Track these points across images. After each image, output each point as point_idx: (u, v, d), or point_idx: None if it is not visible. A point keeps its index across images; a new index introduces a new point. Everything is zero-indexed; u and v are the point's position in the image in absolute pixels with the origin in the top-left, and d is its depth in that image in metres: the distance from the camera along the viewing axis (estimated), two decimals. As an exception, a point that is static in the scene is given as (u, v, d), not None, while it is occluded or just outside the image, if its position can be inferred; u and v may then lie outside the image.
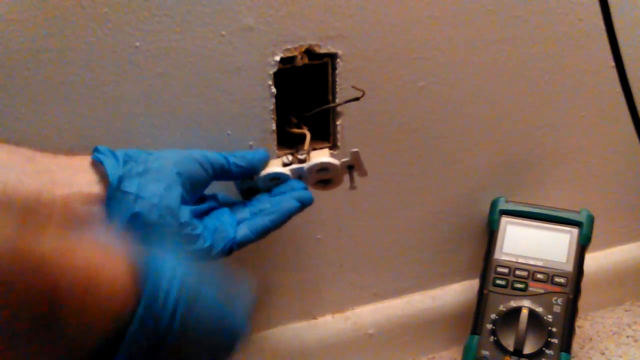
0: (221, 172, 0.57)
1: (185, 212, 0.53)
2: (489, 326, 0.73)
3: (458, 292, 0.81)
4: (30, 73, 0.56)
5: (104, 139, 0.59)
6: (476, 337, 0.73)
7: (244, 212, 0.58)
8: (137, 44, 0.58)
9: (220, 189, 0.61)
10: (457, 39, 0.70)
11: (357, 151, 0.61)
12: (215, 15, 0.60)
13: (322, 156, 0.61)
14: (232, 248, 0.56)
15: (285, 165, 0.60)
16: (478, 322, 0.73)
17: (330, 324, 0.76)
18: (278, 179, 0.60)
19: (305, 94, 0.68)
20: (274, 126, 0.65)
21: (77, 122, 0.59)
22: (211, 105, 0.63)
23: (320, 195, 0.70)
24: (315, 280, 0.74)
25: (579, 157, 0.83)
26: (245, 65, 0.62)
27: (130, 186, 0.51)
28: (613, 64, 0.67)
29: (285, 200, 0.58)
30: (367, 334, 0.77)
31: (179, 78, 0.61)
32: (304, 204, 0.59)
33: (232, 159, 0.58)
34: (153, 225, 0.51)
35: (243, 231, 0.56)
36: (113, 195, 0.50)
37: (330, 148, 0.67)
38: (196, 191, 0.56)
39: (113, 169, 0.51)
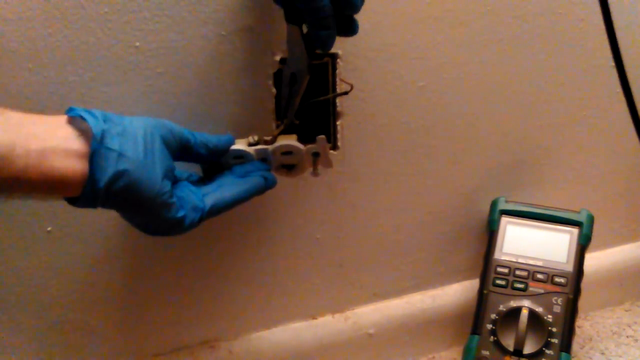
0: (186, 149, 0.56)
1: (164, 178, 0.51)
2: (489, 326, 0.73)
3: (458, 292, 0.81)
4: (30, 73, 0.56)
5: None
6: (476, 337, 0.73)
7: (208, 187, 0.57)
8: (137, 44, 0.58)
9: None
10: (457, 39, 0.70)
11: (323, 137, 0.60)
12: (215, 15, 0.60)
13: (289, 140, 0.61)
14: (202, 218, 0.54)
15: (250, 145, 0.60)
16: (478, 322, 0.73)
17: (330, 324, 0.76)
18: (242, 157, 0.59)
19: (306, 94, 0.68)
20: (274, 126, 0.65)
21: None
22: (211, 105, 0.63)
23: (320, 196, 0.70)
24: (315, 280, 0.74)
25: (579, 157, 0.83)
26: (245, 65, 0.62)
27: (113, 143, 0.49)
28: (613, 64, 0.67)
29: (251, 176, 0.58)
30: (367, 334, 0.77)
31: (179, 78, 0.61)
32: (269, 182, 0.59)
33: (199, 138, 0.57)
34: (135, 185, 0.49)
35: (211, 201, 0.55)
36: (97, 150, 0.48)
37: (331, 149, 0.67)
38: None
39: (95, 123, 0.49)
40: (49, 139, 0.47)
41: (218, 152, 0.59)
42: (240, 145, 0.60)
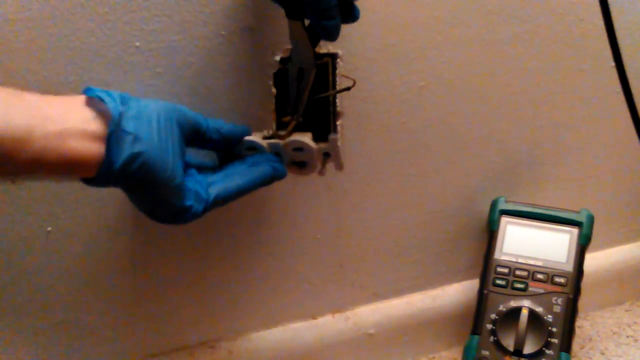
0: (199, 133, 0.56)
1: (177, 162, 0.52)
2: (489, 326, 0.73)
3: (458, 292, 0.81)
4: (30, 73, 0.56)
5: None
6: (476, 337, 0.73)
7: (214, 177, 0.57)
8: (137, 44, 0.58)
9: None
10: (457, 39, 0.70)
11: (335, 138, 0.61)
12: (215, 15, 0.60)
13: (302, 137, 0.61)
14: (206, 209, 0.55)
15: (265, 138, 0.61)
16: (478, 322, 0.73)
17: (330, 324, 0.76)
18: (254, 149, 0.60)
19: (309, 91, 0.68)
20: (274, 126, 0.65)
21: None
22: (211, 106, 0.63)
23: (320, 196, 0.70)
24: (315, 280, 0.74)
25: (579, 157, 0.83)
26: (245, 65, 0.62)
27: (129, 126, 0.49)
28: (613, 64, 0.67)
29: (259, 165, 0.58)
30: (367, 334, 0.77)
31: (179, 78, 0.61)
32: (277, 172, 0.59)
33: (212, 123, 0.57)
34: (149, 167, 0.49)
35: (215, 192, 0.55)
36: (113, 132, 0.48)
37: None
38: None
39: (114, 105, 0.49)
40: (66, 121, 0.47)
41: (231, 140, 0.59)
42: (254, 137, 0.60)
